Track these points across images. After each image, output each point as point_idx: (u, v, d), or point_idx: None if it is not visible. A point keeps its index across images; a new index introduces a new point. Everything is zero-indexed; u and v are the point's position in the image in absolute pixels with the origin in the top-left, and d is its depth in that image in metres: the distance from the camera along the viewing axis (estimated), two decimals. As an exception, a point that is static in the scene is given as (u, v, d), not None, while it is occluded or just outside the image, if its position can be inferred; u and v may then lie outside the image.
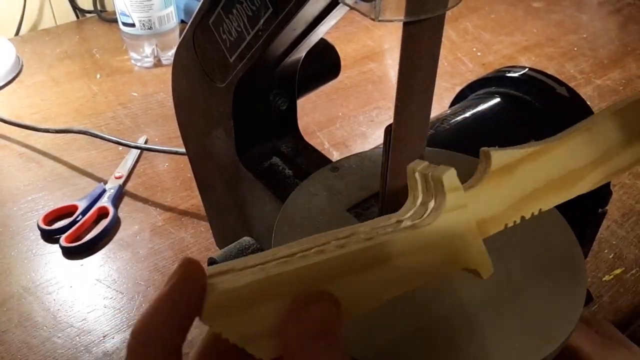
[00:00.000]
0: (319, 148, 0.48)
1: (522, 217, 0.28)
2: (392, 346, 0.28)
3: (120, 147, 0.70)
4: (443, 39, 0.28)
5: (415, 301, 0.30)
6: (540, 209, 0.28)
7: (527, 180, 0.28)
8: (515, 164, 0.27)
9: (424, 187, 0.25)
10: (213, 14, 0.39)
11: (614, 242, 0.58)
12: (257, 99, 0.44)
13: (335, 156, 0.69)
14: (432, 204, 0.25)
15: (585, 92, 0.83)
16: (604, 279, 0.54)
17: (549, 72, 0.49)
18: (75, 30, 0.99)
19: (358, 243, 0.22)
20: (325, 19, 0.36)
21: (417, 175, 0.26)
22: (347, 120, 0.78)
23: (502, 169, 0.27)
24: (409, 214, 0.25)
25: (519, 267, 0.32)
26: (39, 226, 0.59)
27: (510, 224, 0.28)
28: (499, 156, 0.27)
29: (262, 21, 0.36)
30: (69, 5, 1.02)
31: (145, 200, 0.64)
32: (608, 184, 0.44)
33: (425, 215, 0.24)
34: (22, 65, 0.88)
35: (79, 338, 0.50)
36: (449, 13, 0.27)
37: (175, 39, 0.88)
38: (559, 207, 0.37)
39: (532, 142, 0.28)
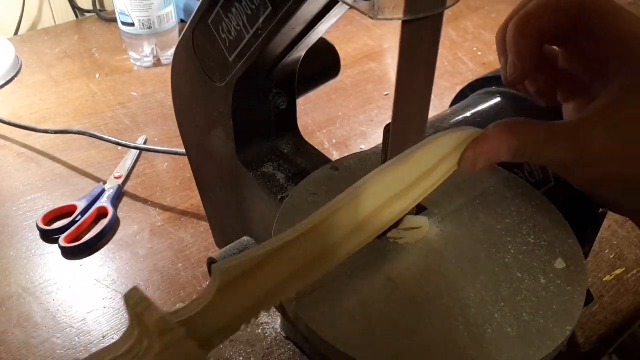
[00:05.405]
0: (319, 148, 0.48)
1: (262, 312, 0.27)
2: (391, 346, 0.28)
3: (120, 147, 0.70)
4: (443, 39, 0.28)
5: (415, 302, 0.30)
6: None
7: (266, 279, 0.27)
8: (250, 271, 0.26)
9: (137, 321, 0.24)
10: (212, 13, 0.39)
11: (615, 243, 0.57)
12: (257, 99, 0.44)
13: (335, 156, 0.69)
14: (145, 343, 0.24)
15: (586, 92, 0.83)
16: (604, 279, 0.54)
17: (550, 71, 0.49)
18: (74, 30, 0.99)
19: None
20: (324, 18, 0.36)
21: (130, 310, 0.25)
22: (347, 120, 0.77)
23: (233, 280, 0.26)
24: (124, 349, 0.24)
25: (519, 268, 0.32)
26: (38, 226, 0.59)
27: (252, 320, 0.27)
28: (226, 272, 0.26)
29: (261, 20, 0.36)
30: (68, 4, 1.01)
31: (144, 201, 0.64)
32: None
33: (140, 354, 0.24)
34: (21, 65, 0.88)
35: (78, 338, 0.49)
36: (449, 12, 0.27)
37: (174, 39, 0.88)
38: (560, 207, 0.37)
39: (268, 241, 0.27)
